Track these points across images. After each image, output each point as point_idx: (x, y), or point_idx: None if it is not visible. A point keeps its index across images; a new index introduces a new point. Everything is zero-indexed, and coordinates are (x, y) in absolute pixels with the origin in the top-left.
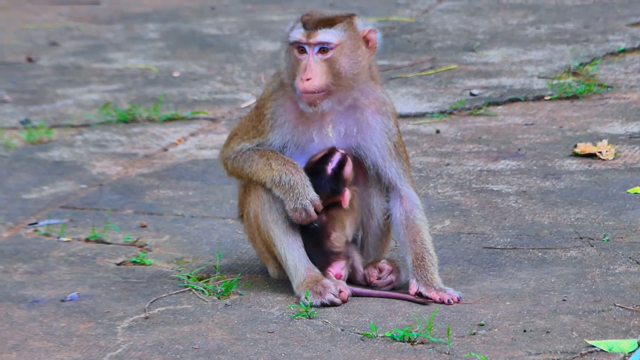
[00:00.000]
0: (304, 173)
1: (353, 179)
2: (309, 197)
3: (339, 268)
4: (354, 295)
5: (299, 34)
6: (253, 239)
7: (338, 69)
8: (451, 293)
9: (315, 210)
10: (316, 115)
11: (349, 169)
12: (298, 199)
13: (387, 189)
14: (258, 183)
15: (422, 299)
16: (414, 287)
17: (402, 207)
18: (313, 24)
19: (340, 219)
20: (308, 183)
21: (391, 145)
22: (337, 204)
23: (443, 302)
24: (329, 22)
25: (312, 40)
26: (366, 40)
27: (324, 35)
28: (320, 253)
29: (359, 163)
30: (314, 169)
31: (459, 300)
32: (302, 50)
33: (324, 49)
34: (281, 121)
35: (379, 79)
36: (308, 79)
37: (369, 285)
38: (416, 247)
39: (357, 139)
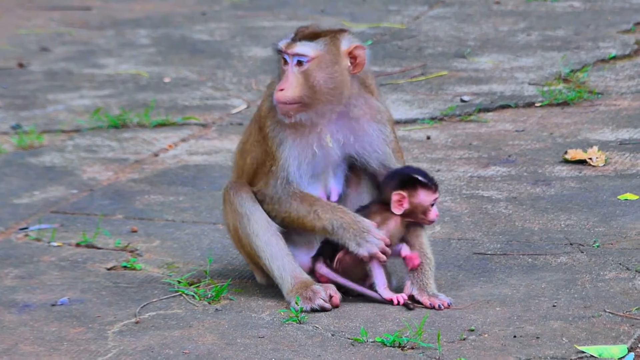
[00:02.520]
0: (351, 212)
1: (346, 184)
2: (364, 229)
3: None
4: (330, 281)
5: (282, 43)
6: (238, 249)
7: (313, 82)
8: (442, 299)
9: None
10: (312, 128)
11: None
12: (356, 236)
13: None
14: (248, 191)
15: (411, 304)
16: (407, 290)
17: None
18: (298, 36)
19: None
20: (359, 218)
21: (389, 151)
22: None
23: (433, 308)
24: (312, 36)
25: (290, 51)
26: (353, 57)
27: (301, 48)
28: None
29: (353, 169)
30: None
31: (449, 306)
32: (286, 61)
33: (300, 61)
34: (283, 137)
35: (377, 90)
36: (282, 90)
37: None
38: (415, 249)
39: (355, 147)
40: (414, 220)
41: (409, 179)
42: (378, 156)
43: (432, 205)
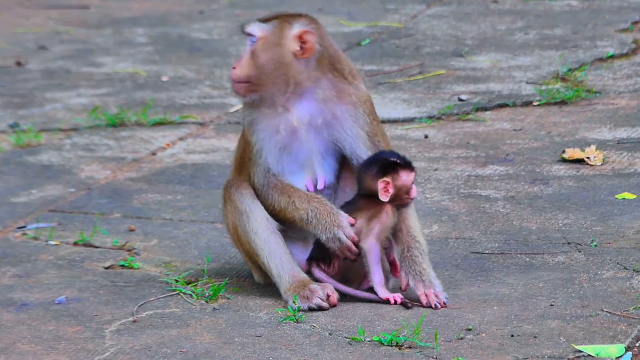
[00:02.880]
0: (329, 203)
1: (339, 177)
2: (336, 223)
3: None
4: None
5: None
6: (237, 247)
7: (258, 62)
8: (438, 290)
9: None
10: (280, 111)
11: None
12: (327, 229)
13: None
14: (247, 187)
15: (409, 302)
16: (403, 280)
17: None
18: (262, 19)
19: None
20: (335, 211)
21: (363, 134)
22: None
23: (430, 307)
24: (266, 18)
25: (244, 30)
26: (303, 42)
27: (251, 28)
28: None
29: (345, 161)
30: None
31: (445, 305)
32: None
33: (252, 41)
34: (254, 121)
35: (352, 74)
36: (234, 68)
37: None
38: (403, 236)
39: (327, 131)
40: (399, 202)
41: (389, 164)
42: (351, 140)
43: (412, 183)
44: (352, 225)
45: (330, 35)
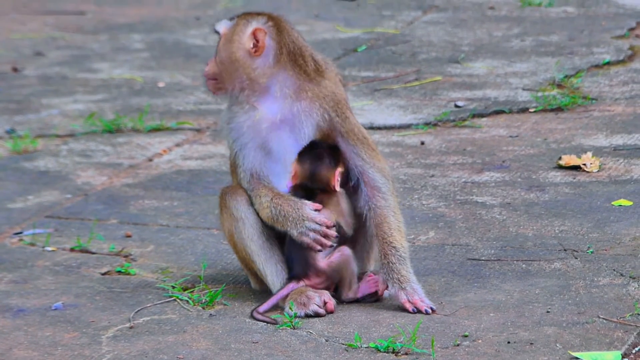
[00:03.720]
0: (293, 198)
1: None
2: (305, 217)
3: (317, 282)
4: None
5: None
6: (235, 254)
7: (219, 59)
8: (423, 297)
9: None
10: (248, 108)
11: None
12: (297, 224)
13: (353, 182)
14: (243, 194)
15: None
16: (382, 286)
17: (364, 194)
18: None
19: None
20: (299, 205)
21: (319, 131)
22: (326, 193)
23: (420, 312)
24: (233, 17)
25: (214, 27)
26: (256, 39)
27: (218, 25)
28: (300, 263)
29: None
30: (305, 152)
31: (433, 311)
32: None
33: (218, 38)
34: (228, 121)
35: (312, 70)
36: (207, 64)
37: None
38: (379, 240)
39: (290, 128)
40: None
41: (335, 150)
42: (308, 138)
43: None
44: (317, 210)
45: (298, 33)
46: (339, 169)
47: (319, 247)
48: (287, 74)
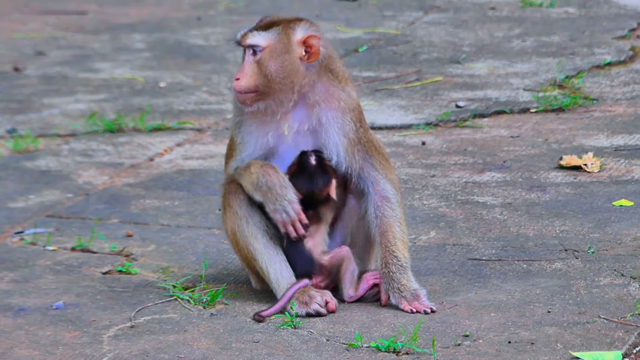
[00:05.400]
0: (282, 175)
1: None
2: (286, 197)
3: (318, 280)
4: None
5: (239, 34)
6: (236, 253)
7: (266, 71)
8: (423, 301)
9: (300, 220)
10: (272, 116)
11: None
12: (277, 200)
13: (363, 189)
14: (245, 193)
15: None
16: (384, 295)
17: (373, 202)
18: (254, 26)
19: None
20: (287, 184)
21: (347, 141)
22: (323, 202)
23: (418, 312)
24: (265, 26)
25: (243, 42)
26: (308, 46)
27: (253, 39)
28: (303, 262)
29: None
30: (297, 173)
31: (434, 310)
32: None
33: (255, 51)
34: (242, 123)
35: (345, 78)
36: (237, 79)
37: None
38: (382, 248)
39: (313, 137)
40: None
41: (322, 161)
42: (333, 147)
43: None
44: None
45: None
46: (333, 181)
47: (283, 230)
48: (323, 80)
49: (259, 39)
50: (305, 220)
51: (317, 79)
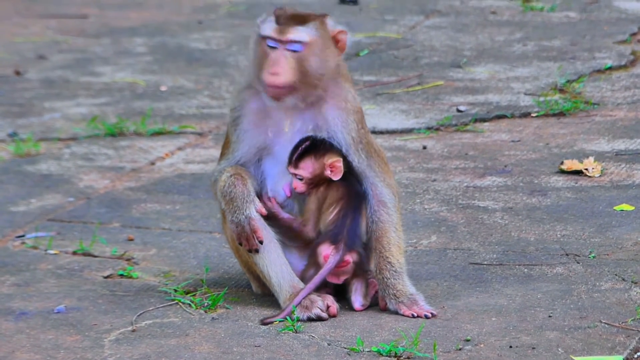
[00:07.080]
0: (249, 188)
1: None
2: (245, 212)
3: (327, 251)
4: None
5: (271, 29)
6: (236, 257)
7: (306, 67)
8: (422, 305)
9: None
10: (274, 112)
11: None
12: (236, 212)
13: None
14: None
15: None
16: (381, 302)
17: (370, 206)
18: (286, 20)
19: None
20: (250, 199)
21: (350, 139)
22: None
23: (419, 317)
24: (301, 20)
25: (284, 38)
26: (336, 41)
27: (297, 34)
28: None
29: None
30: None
31: (433, 315)
32: (270, 45)
33: (297, 46)
34: (240, 120)
35: (348, 77)
36: (274, 73)
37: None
38: (376, 255)
39: (324, 134)
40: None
41: (326, 143)
42: (339, 145)
43: None
44: (262, 215)
45: None
46: (330, 160)
47: (238, 241)
48: (337, 79)
49: (303, 34)
50: (261, 237)
51: (338, 77)
